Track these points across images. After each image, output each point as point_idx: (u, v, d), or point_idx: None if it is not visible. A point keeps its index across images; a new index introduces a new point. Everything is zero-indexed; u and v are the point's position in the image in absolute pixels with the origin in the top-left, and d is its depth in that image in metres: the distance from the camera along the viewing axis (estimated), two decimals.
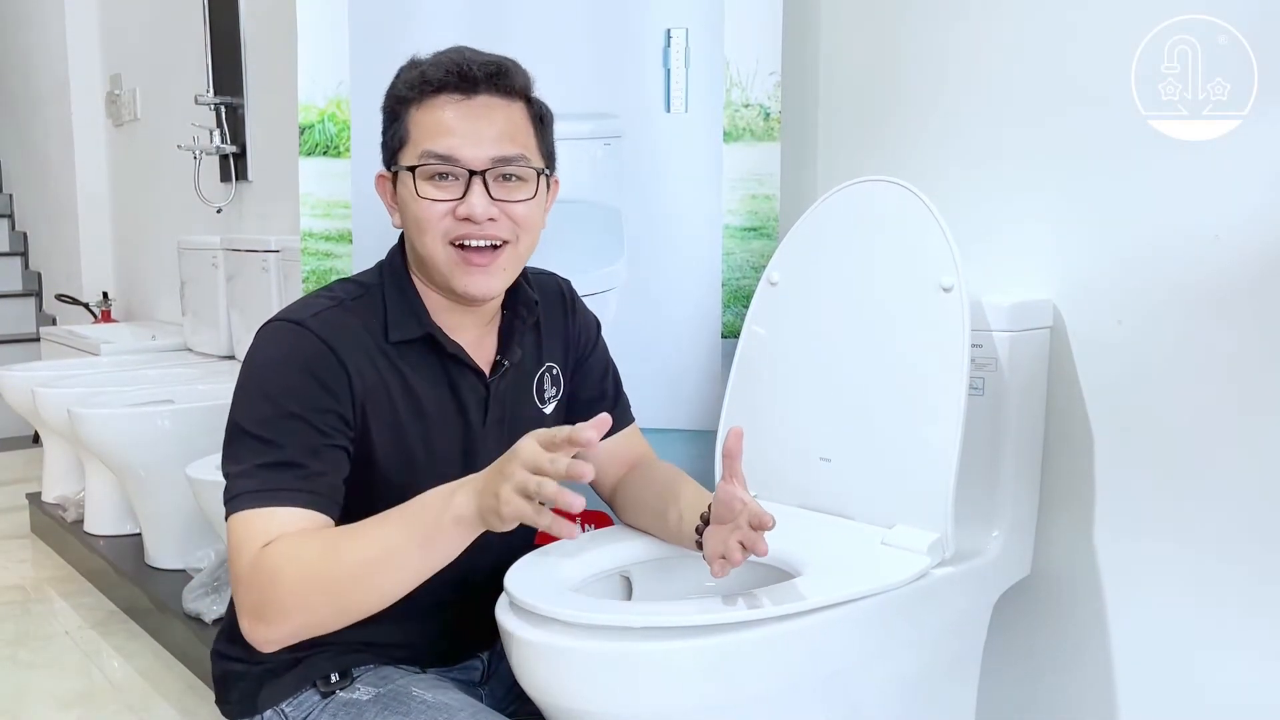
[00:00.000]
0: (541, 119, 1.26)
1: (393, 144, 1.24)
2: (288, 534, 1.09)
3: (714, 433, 1.58)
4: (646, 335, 1.74)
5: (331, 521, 1.13)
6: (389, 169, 1.26)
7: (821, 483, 1.44)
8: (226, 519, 1.13)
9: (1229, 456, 1.33)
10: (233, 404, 1.18)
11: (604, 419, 0.99)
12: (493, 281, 1.23)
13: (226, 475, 1.15)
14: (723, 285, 1.73)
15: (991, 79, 1.56)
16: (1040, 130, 1.50)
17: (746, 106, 1.71)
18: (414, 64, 1.24)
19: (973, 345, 1.34)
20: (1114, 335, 1.43)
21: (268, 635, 1.10)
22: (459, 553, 1.07)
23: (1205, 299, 1.34)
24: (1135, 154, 1.39)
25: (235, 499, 1.12)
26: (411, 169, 1.20)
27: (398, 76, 1.25)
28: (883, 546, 1.33)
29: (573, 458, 0.97)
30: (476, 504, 1.03)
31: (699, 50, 1.70)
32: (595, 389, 1.44)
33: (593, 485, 1.46)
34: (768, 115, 1.71)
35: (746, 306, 1.59)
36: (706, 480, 1.58)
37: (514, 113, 1.22)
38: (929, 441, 1.33)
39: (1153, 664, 1.44)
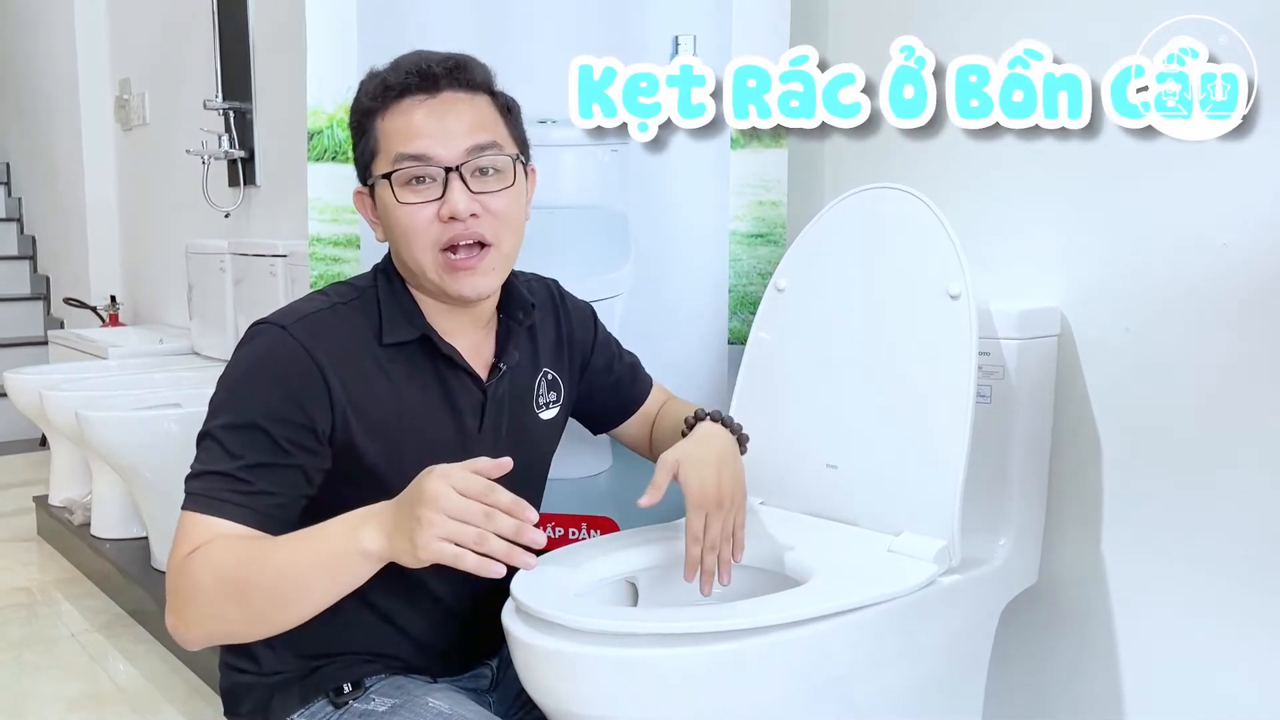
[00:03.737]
0: (508, 108, 1.26)
1: (364, 158, 1.23)
2: (212, 540, 1.09)
3: None
4: (653, 341, 1.73)
5: (271, 537, 1.13)
6: (364, 184, 1.25)
7: (828, 489, 1.44)
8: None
9: (1238, 464, 1.33)
10: (214, 392, 1.18)
11: (505, 462, 1.02)
12: (485, 281, 1.22)
13: (190, 467, 1.15)
14: (729, 291, 1.73)
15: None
16: (1046, 135, 1.49)
17: None
18: (373, 74, 1.23)
19: (980, 353, 1.34)
20: (1122, 342, 1.43)
21: (185, 635, 1.10)
22: (367, 579, 1.07)
23: (1213, 306, 1.33)
24: (1142, 160, 1.39)
25: (186, 496, 1.13)
26: (387, 176, 1.19)
27: (358, 90, 1.24)
28: (889, 554, 1.33)
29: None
30: (386, 544, 1.03)
31: (706, 57, 1.70)
32: (611, 375, 1.47)
33: (636, 450, 1.54)
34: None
35: (753, 313, 1.59)
36: None
37: (479, 104, 1.22)
38: (936, 449, 1.33)
39: (1160, 672, 1.43)
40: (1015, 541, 1.43)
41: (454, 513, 0.98)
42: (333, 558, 1.05)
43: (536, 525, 1.00)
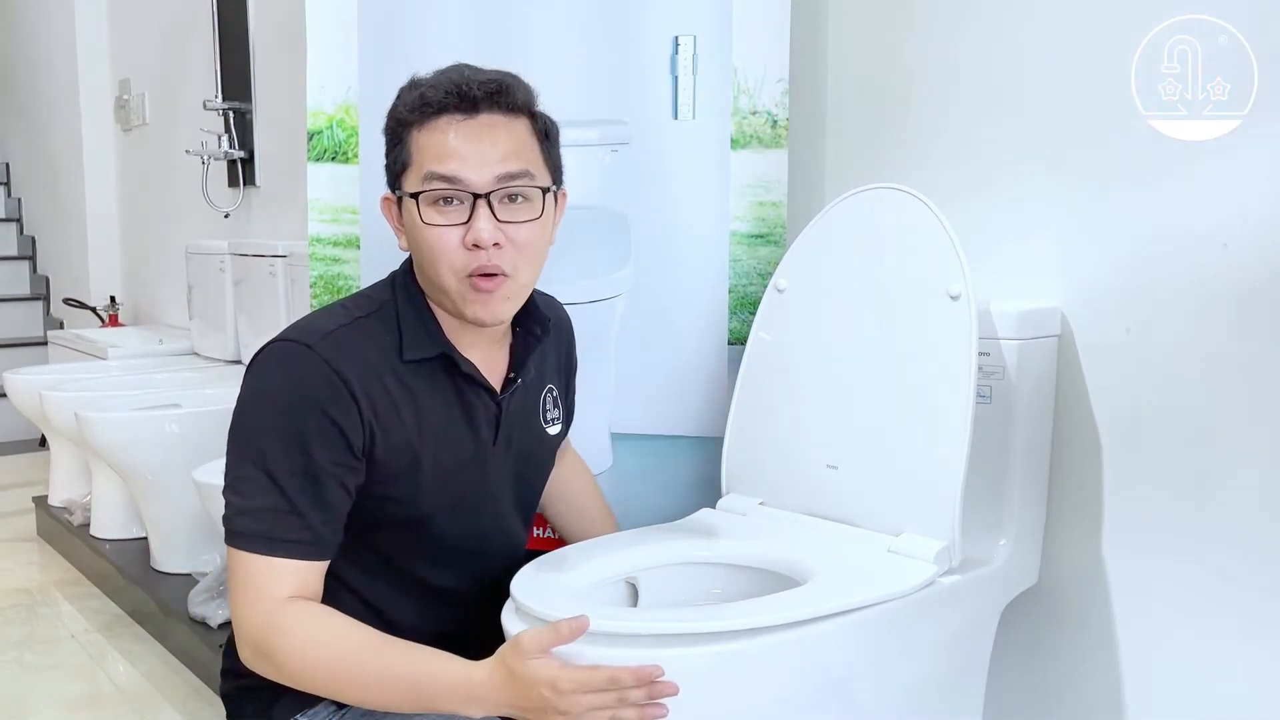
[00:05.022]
0: (546, 133, 1.25)
1: (396, 167, 1.23)
2: (307, 608, 1.14)
3: (719, 439, 1.57)
4: (653, 341, 1.74)
5: (326, 563, 1.18)
6: (393, 191, 1.25)
7: (828, 489, 1.44)
8: (227, 542, 1.15)
9: (1238, 465, 1.33)
10: (239, 422, 1.18)
11: (584, 621, 1.07)
12: (500, 308, 1.22)
13: (229, 501, 1.16)
14: (730, 292, 1.73)
15: (997, 86, 1.56)
16: (1047, 137, 1.50)
17: (754, 114, 1.71)
18: (414, 85, 1.23)
19: (980, 353, 1.34)
20: (1122, 343, 1.43)
21: (261, 671, 1.16)
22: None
23: (1213, 305, 1.33)
24: (1143, 161, 1.39)
25: (239, 535, 1.14)
26: (415, 195, 1.19)
27: (398, 98, 1.23)
28: (889, 554, 1.33)
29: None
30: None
31: (707, 57, 1.70)
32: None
33: None
34: (775, 122, 1.71)
35: (753, 313, 1.59)
36: (712, 486, 1.58)
37: (517, 129, 1.21)
38: (936, 449, 1.33)
39: (1160, 672, 1.43)
40: (1015, 542, 1.43)
41: (587, 710, 1.05)
42: (431, 703, 1.11)
43: (663, 678, 1.06)
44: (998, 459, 1.42)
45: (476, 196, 1.17)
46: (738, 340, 1.70)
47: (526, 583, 1.22)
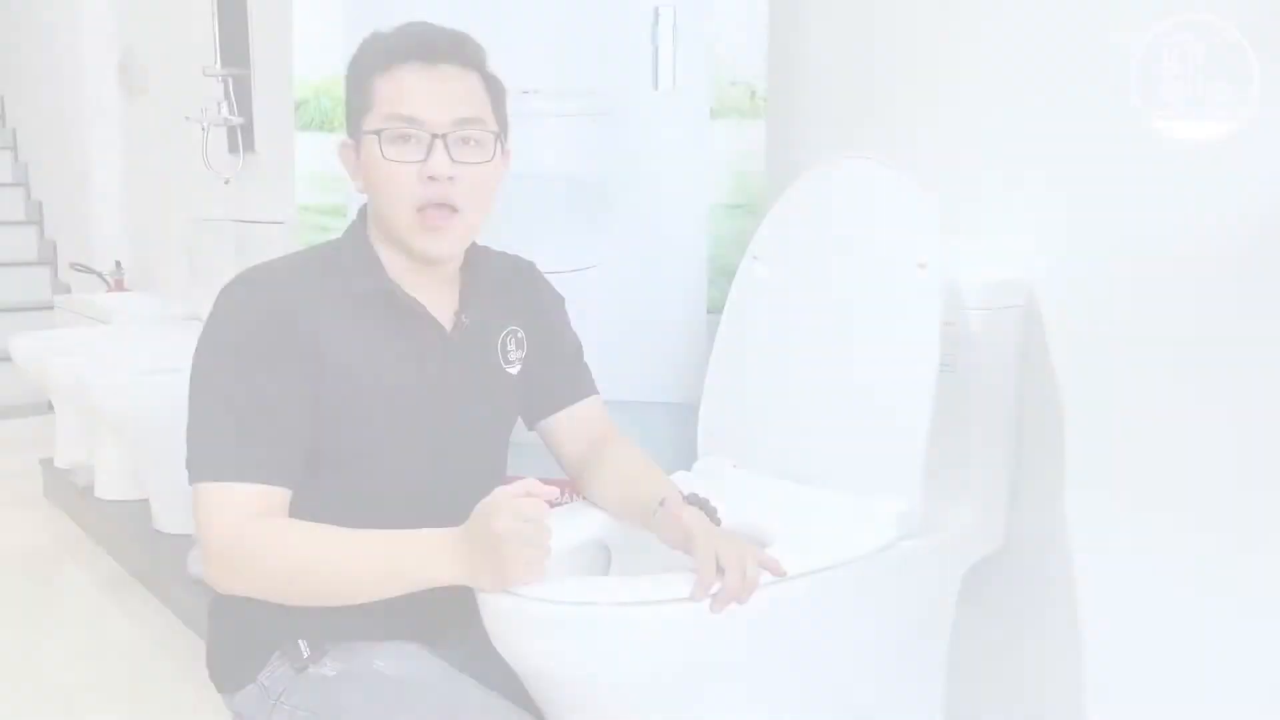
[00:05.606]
0: (495, 90, 1.31)
1: (356, 112, 1.28)
2: (273, 518, 1.17)
3: (697, 405, 1.60)
4: (632, 310, 1.76)
5: (288, 492, 1.20)
6: (351, 136, 1.30)
7: (799, 453, 1.47)
8: (191, 481, 1.18)
9: (1201, 429, 1.35)
10: (195, 364, 1.22)
11: (554, 491, 1.13)
12: (450, 243, 1.28)
13: (190, 440, 1.19)
14: (708, 261, 1.75)
15: (977, 60, 1.57)
16: (1023, 113, 1.51)
17: (733, 84, 1.73)
18: (377, 35, 1.29)
19: (946, 322, 1.37)
20: (1087, 312, 1.45)
21: (229, 589, 1.20)
22: None
23: (1175, 279, 1.35)
24: (1118, 141, 1.40)
25: (201, 467, 1.17)
26: (377, 132, 1.24)
27: (360, 47, 1.29)
28: (851, 517, 1.35)
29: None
30: (469, 579, 1.15)
31: (687, 28, 1.72)
32: (558, 365, 1.46)
33: (557, 457, 1.49)
34: (754, 93, 1.73)
35: (731, 282, 1.62)
36: (688, 451, 1.61)
37: (471, 81, 1.28)
38: (900, 414, 1.36)
39: (1124, 635, 1.46)
40: (978, 507, 1.46)
41: (528, 540, 1.11)
42: (402, 582, 1.17)
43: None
44: (962, 425, 1.44)
45: (434, 136, 1.23)
46: (716, 309, 1.72)
47: None
